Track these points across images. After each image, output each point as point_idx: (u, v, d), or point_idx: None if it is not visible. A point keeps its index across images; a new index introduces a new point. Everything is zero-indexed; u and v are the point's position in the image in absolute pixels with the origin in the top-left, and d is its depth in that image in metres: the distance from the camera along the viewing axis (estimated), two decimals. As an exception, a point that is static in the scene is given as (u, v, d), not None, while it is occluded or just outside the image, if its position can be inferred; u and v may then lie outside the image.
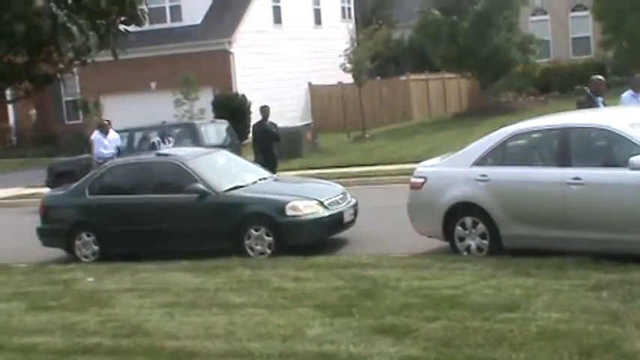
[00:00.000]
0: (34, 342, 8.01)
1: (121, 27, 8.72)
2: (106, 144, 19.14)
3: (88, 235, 13.27)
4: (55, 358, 7.38)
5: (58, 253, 13.53)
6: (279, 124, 25.78)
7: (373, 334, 7.18)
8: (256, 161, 16.45)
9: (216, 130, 21.90)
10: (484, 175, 10.33)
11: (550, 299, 7.72)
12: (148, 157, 14.74)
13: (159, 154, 14.26)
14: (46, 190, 18.30)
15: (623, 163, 9.19)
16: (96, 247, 13.21)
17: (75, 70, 12.86)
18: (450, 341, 6.71)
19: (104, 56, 8.76)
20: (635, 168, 8.98)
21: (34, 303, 9.87)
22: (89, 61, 8.68)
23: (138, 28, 9.14)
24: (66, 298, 10.01)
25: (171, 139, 18.51)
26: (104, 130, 19.47)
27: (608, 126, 9.69)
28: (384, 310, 7.93)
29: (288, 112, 30.79)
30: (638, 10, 21.45)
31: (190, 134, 20.55)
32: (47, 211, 13.89)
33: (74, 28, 7.76)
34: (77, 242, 13.31)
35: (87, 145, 20.69)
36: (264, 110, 18.33)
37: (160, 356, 7.12)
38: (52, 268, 12.58)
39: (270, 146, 17.95)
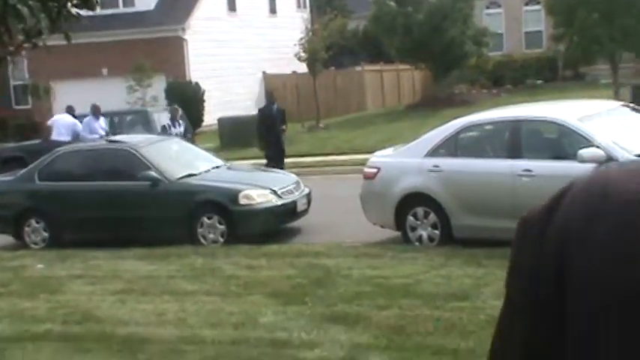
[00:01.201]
0: (-17, 328, 7.93)
1: (73, 10, 8.61)
2: (97, 128, 18.75)
3: (38, 222, 13.13)
4: (4, 345, 7.29)
5: (7, 239, 13.36)
6: (231, 113, 25.84)
7: (325, 321, 7.22)
8: (261, 148, 16.36)
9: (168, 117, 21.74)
10: (437, 166, 10.43)
11: (499, 288, 7.79)
12: (101, 143, 14.61)
13: (111, 141, 14.14)
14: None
15: (572, 156, 9.35)
16: (46, 234, 13.07)
17: (23, 53, 12.68)
18: (401, 329, 6.78)
19: (55, 40, 8.65)
20: (583, 161, 9.14)
21: (-17, 289, 9.75)
22: (40, 44, 8.57)
23: (90, 12, 9.05)
24: (15, 285, 9.90)
25: (181, 122, 18.08)
26: (96, 113, 19.09)
27: (558, 119, 9.85)
28: (336, 299, 7.98)
29: (242, 101, 30.69)
30: (587, 5, 21.77)
31: (143, 121, 20.41)
32: (-5, 196, 13.71)
33: (25, 10, 7.66)
34: (26, 229, 13.16)
35: (46, 130, 20.32)
36: (271, 95, 18.10)
37: (111, 342, 7.08)
38: (1, 254, 12.42)
39: (277, 135, 17.42)
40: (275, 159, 16.98)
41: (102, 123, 19.12)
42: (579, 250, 1.08)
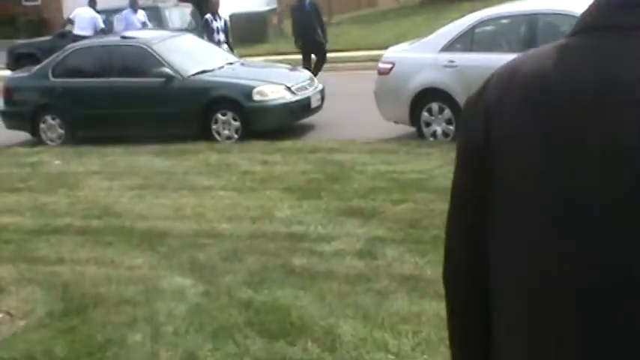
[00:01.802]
0: (5, 222, 8.07)
1: None
2: (134, 21, 17.86)
3: (53, 119, 13.19)
4: (26, 238, 7.45)
5: (24, 136, 13.46)
6: (243, 10, 25.48)
7: (341, 215, 7.32)
8: (298, 47, 16.02)
9: (180, 13, 21.55)
10: (452, 61, 10.37)
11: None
12: (114, 39, 14.50)
13: (124, 37, 14.04)
14: (7, 73, 18.02)
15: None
16: (61, 131, 13.16)
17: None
18: (416, 222, 6.88)
19: None
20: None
21: (2, 185, 9.89)
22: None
23: None
24: (34, 180, 10.03)
25: (221, 15, 17.32)
26: (134, 5, 18.20)
27: (576, 12, 9.71)
28: (351, 194, 8.07)
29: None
30: None
31: (155, 17, 20.19)
32: (10, 93, 13.72)
33: None
34: (42, 125, 13.24)
35: (66, 24, 19.90)
36: None
37: (130, 236, 7.21)
38: (18, 150, 12.55)
39: (313, 32, 16.00)
40: (308, 57, 16.34)
41: (140, 16, 18.20)
42: (497, 121, 1.39)
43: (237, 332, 4.85)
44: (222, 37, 15.84)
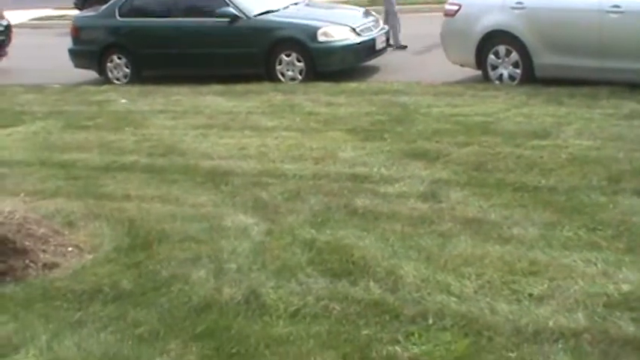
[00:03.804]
0: (74, 158, 8.22)
1: None
2: None
3: (119, 58, 13.31)
4: (94, 174, 7.58)
5: (91, 75, 13.62)
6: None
7: (405, 157, 7.28)
8: None
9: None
10: (520, 3, 10.13)
11: (581, 127, 7.75)
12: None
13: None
14: (75, 12, 18.20)
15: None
16: (127, 70, 13.28)
17: None
18: (481, 166, 6.80)
19: None
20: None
21: (70, 122, 10.06)
22: None
23: None
24: (101, 118, 10.18)
25: None
26: None
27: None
28: (415, 136, 8.01)
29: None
30: None
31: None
32: (78, 32, 13.87)
33: None
34: (109, 64, 13.38)
35: None
36: None
37: (195, 174, 7.29)
38: (86, 89, 12.72)
39: None
40: None
41: None
42: None
43: (300, 271, 4.89)
44: None
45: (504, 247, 5.01)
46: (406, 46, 13.78)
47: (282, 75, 12.13)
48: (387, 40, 12.88)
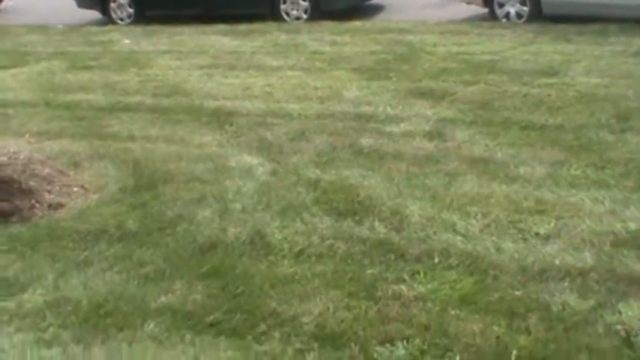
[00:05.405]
0: (78, 99, 8.17)
1: None
2: None
3: (123, -3, 13.18)
4: (98, 114, 7.54)
5: (94, 15, 13.49)
6: None
7: (410, 96, 7.21)
8: None
9: None
10: (529, -62, 9.96)
11: (589, 65, 7.66)
12: None
13: None
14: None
15: None
16: (131, 10, 13.15)
17: None
18: (487, 104, 6.74)
19: None
20: None
21: (75, 63, 9.99)
22: None
23: None
24: (105, 59, 10.10)
25: None
26: None
27: None
28: (421, 74, 7.93)
29: None
30: None
31: None
32: (81, -28, 13.71)
33: None
34: (112, 4, 13.25)
35: None
36: None
37: (199, 115, 7.24)
38: (89, 29, 12.62)
39: None
40: None
41: None
42: None
43: (305, 210, 4.87)
44: None
45: (511, 186, 4.98)
46: None
47: (287, 14, 11.99)
48: (393, -23, 12.70)
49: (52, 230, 4.89)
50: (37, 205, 5.20)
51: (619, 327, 3.46)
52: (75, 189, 5.53)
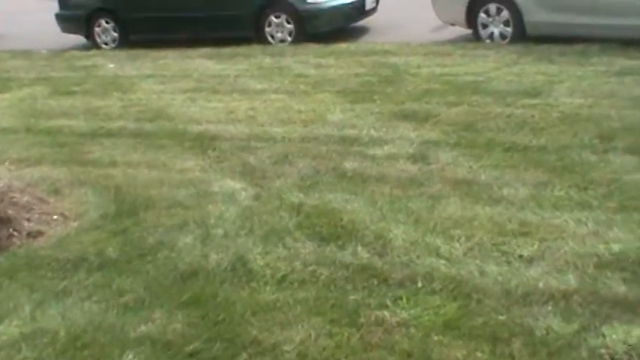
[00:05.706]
0: (60, 125, 8.11)
1: None
2: None
3: (107, 22, 13.16)
4: (80, 140, 7.48)
5: (78, 39, 13.46)
6: None
7: (394, 119, 7.19)
8: None
9: None
10: (511, -40, 10.00)
11: (572, 85, 7.67)
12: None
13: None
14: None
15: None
16: (115, 34, 13.14)
17: None
18: (470, 125, 6.72)
19: None
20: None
21: (57, 88, 9.94)
22: None
23: None
24: (88, 84, 10.06)
25: None
26: None
27: None
28: (405, 96, 7.92)
29: None
30: None
31: None
32: (65, -4, 13.71)
33: None
34: (96, 29, 13.24)
35: None
36: None
37: (182, 139, 7.19)
38: (73, 54, 12.59)
39: None
40: None
41: None
42: None
43: (288, 235, 4.83)
44: None
45: (494, 208, 4.95)
46: None
47: (272, 37, 12.00)
48: (377, 0, 12.72)
49: (31, 259, 4.82)
50: (16, 233, 5.14)
51: (603, 351, 3.42)
52: (55, 217, 5.47)
